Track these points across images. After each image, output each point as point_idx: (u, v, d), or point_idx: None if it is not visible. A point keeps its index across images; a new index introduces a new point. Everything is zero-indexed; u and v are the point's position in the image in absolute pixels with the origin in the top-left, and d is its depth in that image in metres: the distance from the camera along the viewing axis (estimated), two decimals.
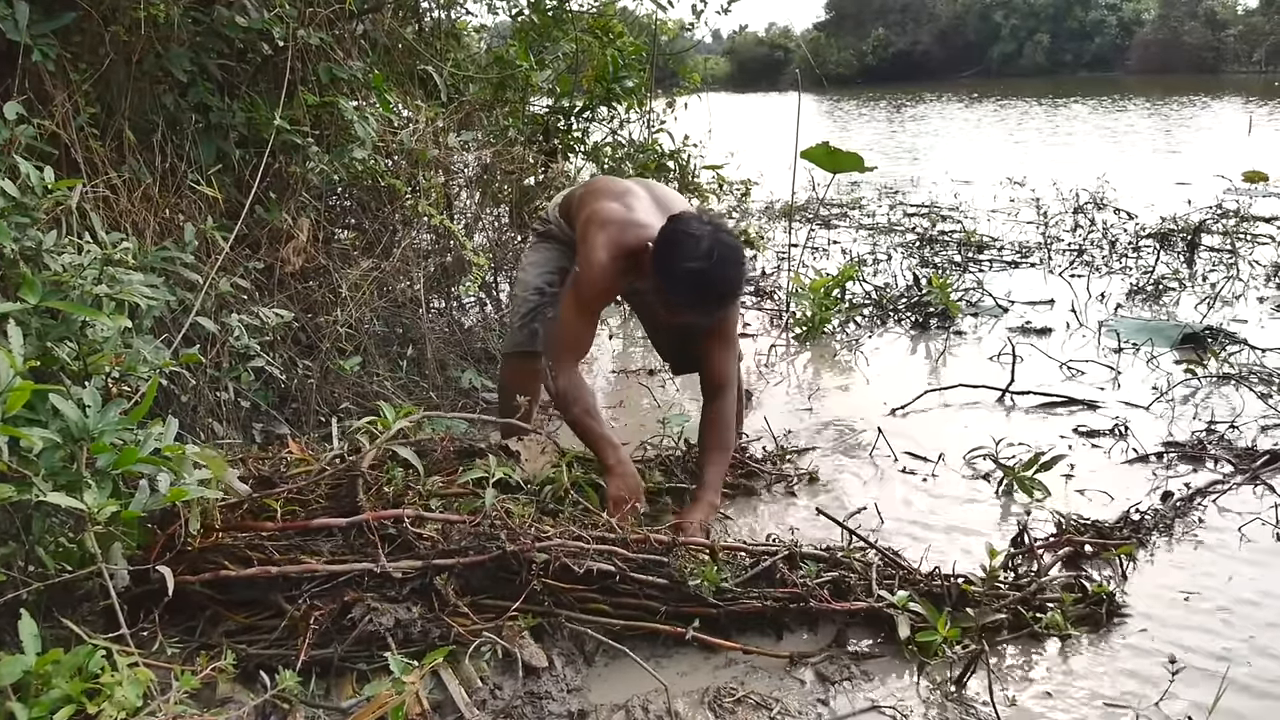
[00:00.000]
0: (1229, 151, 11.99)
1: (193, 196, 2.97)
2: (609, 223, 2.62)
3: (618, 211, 2.64)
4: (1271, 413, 3.50)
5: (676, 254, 2.40)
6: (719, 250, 2.38)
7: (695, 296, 2.43)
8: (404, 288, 3.65)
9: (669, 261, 2.41)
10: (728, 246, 2.42)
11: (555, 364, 2.65)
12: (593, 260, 2.58)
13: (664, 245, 2.44)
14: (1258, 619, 2.24)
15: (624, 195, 2.73)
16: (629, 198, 2.72)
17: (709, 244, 2.38)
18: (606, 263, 2.57)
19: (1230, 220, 7.04)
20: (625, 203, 2.69)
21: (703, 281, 2.39)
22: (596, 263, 2.57)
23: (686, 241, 2.39)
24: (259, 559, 2.02)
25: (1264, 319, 4.84)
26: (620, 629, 2.09)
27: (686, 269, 2.37)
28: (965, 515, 2.83)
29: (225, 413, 2.83)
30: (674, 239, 2.42)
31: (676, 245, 2.41)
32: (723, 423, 2.71)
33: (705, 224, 2.46)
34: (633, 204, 2.69)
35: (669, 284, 2.43)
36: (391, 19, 4.03)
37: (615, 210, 2.65)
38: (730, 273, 2.43)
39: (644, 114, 5.43)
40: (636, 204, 2.69)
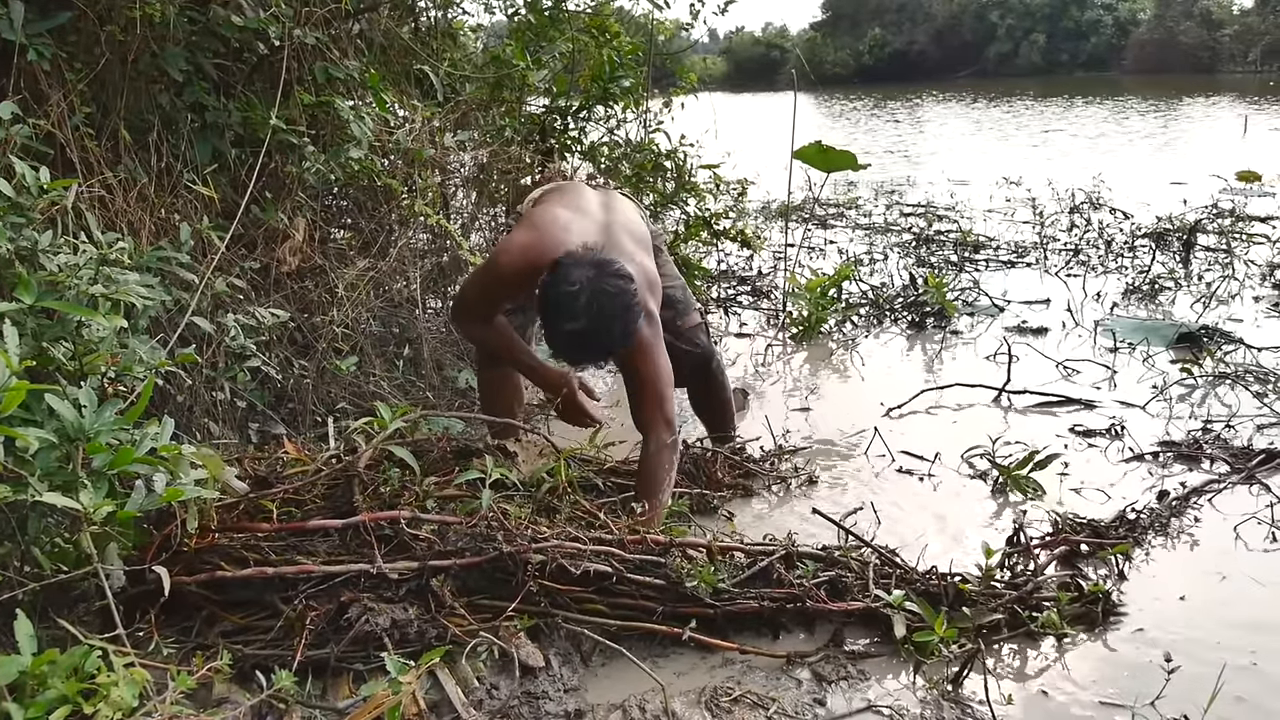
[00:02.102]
0: (1224, 151, 12.02)
1: (188, 196, 2.96)
2: (538, 228, 2.60)
3: (552, 221, 2.60)
4: (1267, 412, 3.51)
5: (554, 313, 2.34)
6: (597, 303, 2.30)
7: (576, 354, 2.45)
8: (400, 288, 3.64)
9: (548, 319, 2.38)
10: (606, 296, 2.32)
11: (455, 325, 2.70)
12: (503, 251, 2.60)
13: (543, 301, 2.38)
14: (1253, 618, 2.25)
15: (575, 208, 2.70)
16: (579, 214, 2.68)
17: (586, 299, 2.30)
18: (506, 267, 2.56)
19: (1226, 220, 7.05)
20: (571, 211, 2.66)
21: (580, 342, 2.36)
22: (504, 259, 2.57)
23: (564, 299, 2.31)
24: (255, 560, 2.02)
25: (1259, 318, 4.85)
26: (617, 629, 2.09)
27: (566, 331, 2.33)
28: (962, 514, 2.83)
29: (221, 413, 2.82)
30: (552, 296, 2.34)
31: (555, 304, 2.34)
32: (649, 469, 2.56)
33: (588, 269, 2.35)
34: (575, 221, 2.62)
35: (550, 339, 2.42)
36: (387, 18, 4.03)
37: (552, 218, 2.62)
38: (608, 327, 2.34)
39: (641, 114, 5.43)
40: (580, 223, 2.62)
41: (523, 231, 2.62)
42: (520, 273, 2.52)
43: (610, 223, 2.74)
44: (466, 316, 2.71)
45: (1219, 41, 46.40)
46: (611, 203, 2.88)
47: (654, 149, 5.24)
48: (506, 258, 2.58)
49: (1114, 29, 49.80)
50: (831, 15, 58.48)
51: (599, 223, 2.71)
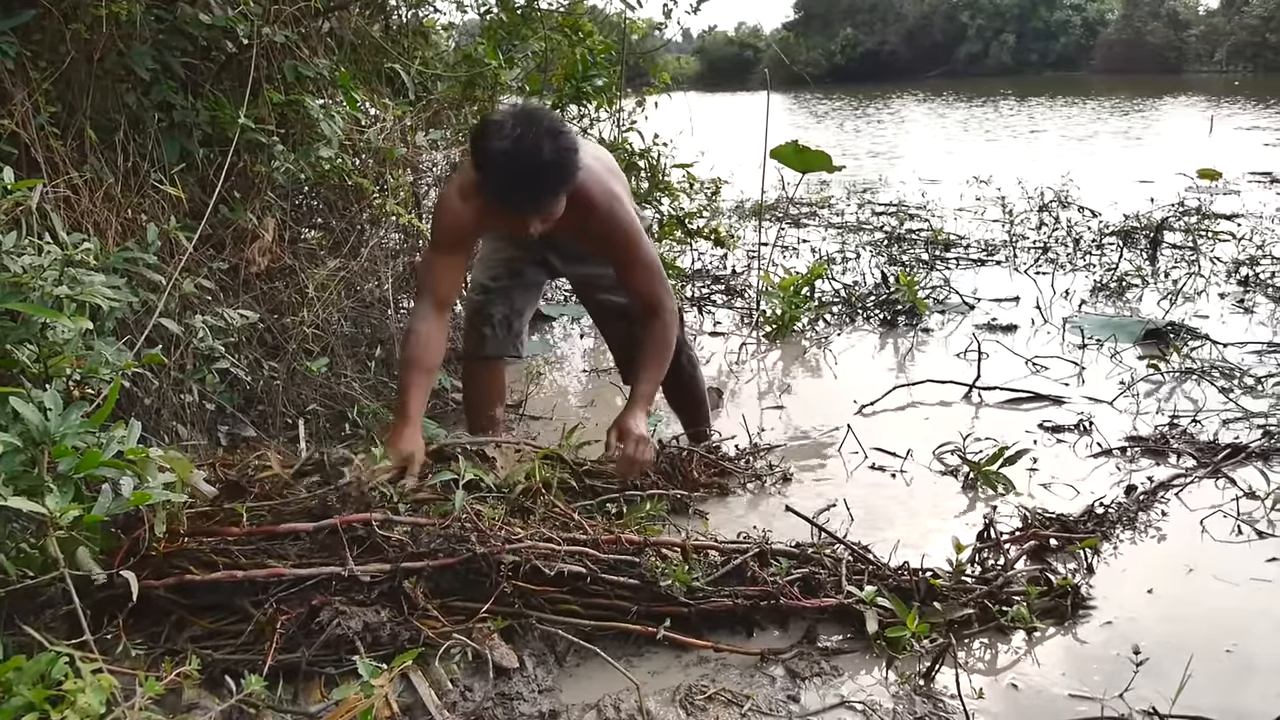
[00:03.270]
0: (1191, 150, 12.18)
1: (156, 196, 2.93)
2: (451, 182, 2.53)
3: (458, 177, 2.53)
4: (1233, 407, 3.56)
5: (483, 142, 2.20)
6: (526, 121, 2.19)
7: (512, 184, 2.22)
8: (372, 288, 3.62)
9: (479, 153, 2.22)
10: (535, 116, 2.23)
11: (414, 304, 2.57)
12: (441, 197, 2.51)
13: (472, 142, 2.24)
14: (1219, 609, 2.28)
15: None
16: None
17: (513, 121, 2.19)
18: (453, 194, 2.45)
19: (1192, 217, 7.15)
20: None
21: (513, 166, 2.18)
22: (445, 197, 2.48)
23: (490, 125, 2.20)
24: (225, 563, 2.00)
25: (1225, 314, 4.92)
26: (591, 629, 2.09)
27: (496, 152, 2.17)
28: (933, 510, 2.85)
29: (189, 415, 2.79)
30: (480, 128, 2.22)
31: (482, 132, 2.20)
32: (656, 340, 2.59)
33: (508, 111, 2.26)
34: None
35: (485, 179, 2.24)
36: (358, 16, 4.00)
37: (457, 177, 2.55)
38: (539, 144, 2.17)
39: (614, 113, 5.43)
40: None
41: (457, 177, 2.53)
42: (462, 196, 2.42)
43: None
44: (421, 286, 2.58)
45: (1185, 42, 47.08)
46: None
47: (628, 148, 5.24)
48: (447, 194, 2.47)
49: (1082, 29, 50.38)
50: (804, 15, 58.78)
51: None
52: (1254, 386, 3.77)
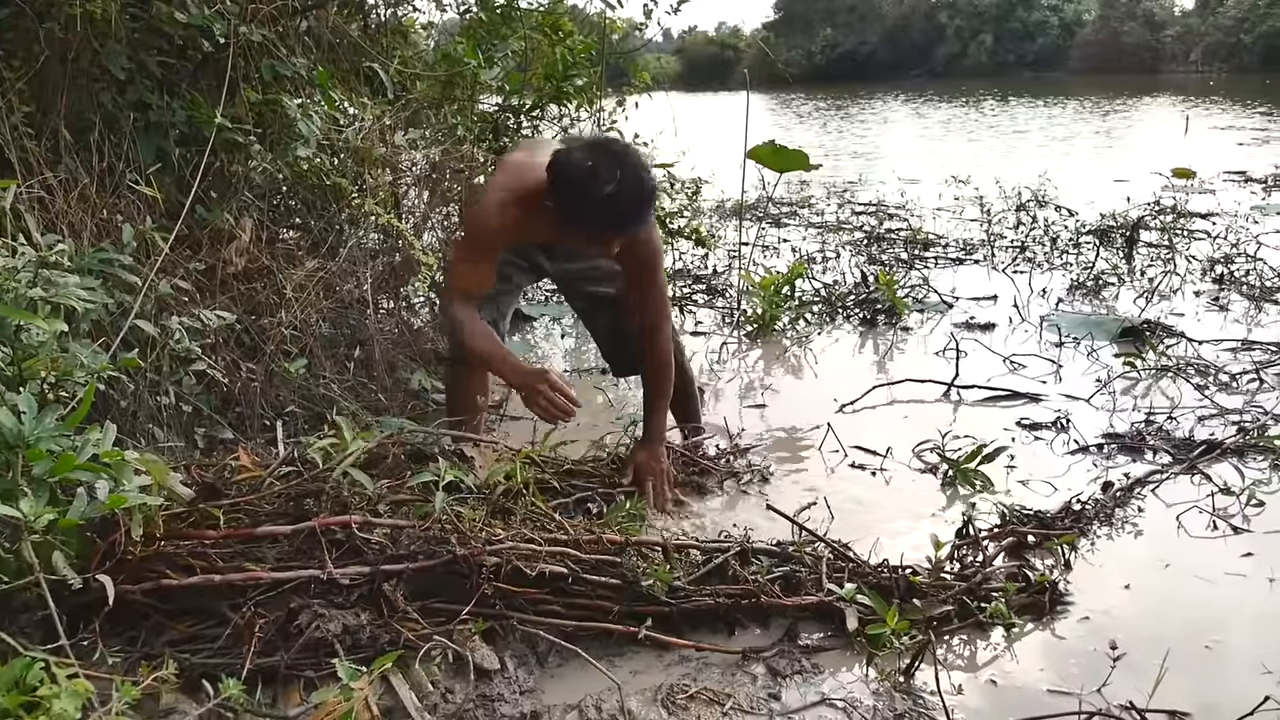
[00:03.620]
0: (1166, 150, 12.30)
1: (131, 197, 2.90)
2: (506, 165, 2.61)
3: (517, 156, 2.61)
4: (1208, 404, 3.60)
5: (583, 188, 2.33)
6: (618, 164, 2.34)
7: (618, 221, 2.40)
8: (351, 288, 3.60)
9: (577, 199, 2.35)
10: (621, 155, 2.38)
11: (442, 301, 2.65)
12: (484, 200, 2.56)
13: (564, 187, 2.37)
14: (1195, 604, 2.31)
15: (520, 159, 2.66)
16: (525, 157, 2.63)
17: (605, 164, 2.32)
18: (493, 202, 2.53)
19: (1167, 216, 7.22)
20: (516, 161, 2.63)
21: (619, 205, 2.34)
22: (485, 202, 2.56)
23: (586, 172, 2.32)
24: (202, 567, 1.99)
25: (1200, 312, 4.97)
26: (573, 630, 2.09)
27: (603, 197, 2.31)
28: (913, 508, 2.87)
29: (166, 418, 2.77)
30: (574, 176, 2.34)
31: (580, 181, 2.33)
32: (661, 365, 2.79)
33: (586, 148, 2.40)
34: (527, 160, 2.58)
35: (586, 218, 2.39)
36: (336, 15, 3.98)
37: (515, 155, 2.62)
38: (639, 181, 2.36)
39: (594, 113, 5.42)
40: (532, 159, 2.57)
41: (493, 179, 2.60)
42: (507, 205, 2.51)
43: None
44: (456, 288, 2.65)
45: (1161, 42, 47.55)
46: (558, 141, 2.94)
47: None
48: (490, 197, 2.55)
49: (1059, 30, 50.78)
50: (784, 15, 58.94)
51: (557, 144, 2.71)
52: (1229, 383, 3.82)
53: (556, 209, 2.42)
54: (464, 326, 2.64)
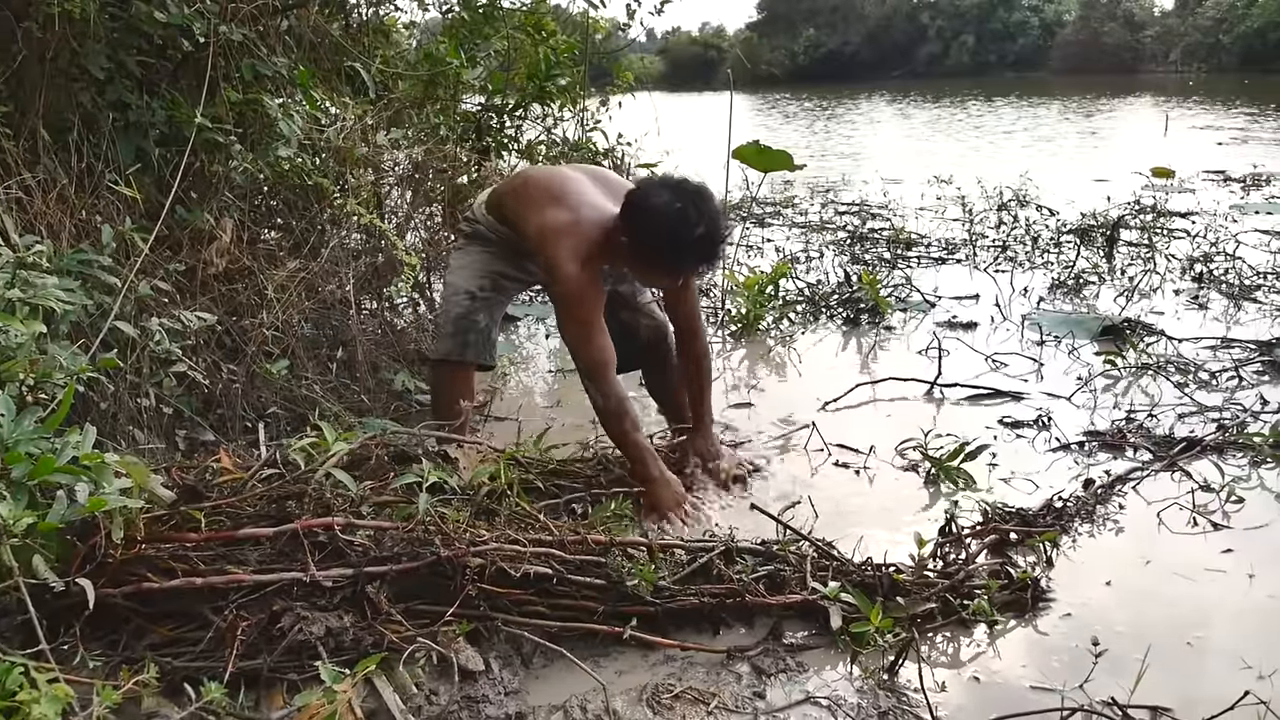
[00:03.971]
0: (1146, 149, 12.39)
1: (110, 197, 2.88)
2: (563, 233, 2.59)
3: (566, 218, 2.62)
4: (1188, 401, 3.63)
5: (676, 232, 2.44)
6: (702, 205, 2.48)
7: (709, 258, 2.59)
8: (333, 289, 3.58)
9: (671, 241, 2.47)
10: (701, 195, 2.51)
11: (592, 383, 2.67)
12: (567, 276, 2.58)
13: (654, 232, 2.47)
14: (1176, 600, 2.33)
15: (563, 194, 2.70)
16: (569, 195, 2.69)
17: (693, 207, 2.45)
18: (579, 273, 2.57)
19: (1147, 216, 7.27)
20: (568, 204, 2.66)
21: (709, 244, 2.50)
22: (571, 277, 2.58)
23: (678, 216, 2.44)
24: (183, 570, 1.97)
25: (1180, 311, 5.01)
26: (558, 630, 2.09)
27: (696, 239, 2.45)
28: (896, 506, 2.88)
29: (146, 420, 2.75)
30: (666, 223, 2.45)
31: (673, 226, 2.44)
32: (703, 356, 2.98)
33: (665, 189, 2.52)
34: (576, 200, 2.66)
35: (678, 261, 2.54)
36: (317, 15, 3.96)
37: (564, 218, 2.62)
38: (719, 219, 2.53)
39: (578, 112, 5.42)
40: (579, 197, 2.67)
41: (557, 250, 2.58)
42: (588, 268, 2.58)
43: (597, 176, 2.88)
44: (600, 363, 2.67)
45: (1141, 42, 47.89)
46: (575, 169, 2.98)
47: (591, 148, 5.24)
48: (567, 263, 2.56)
49: (1040, 30, 51.06)
50: (767, 15, 58.99)
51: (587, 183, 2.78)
52: (1209, 381, 3.85)
53: (640, 252, 2.54)
54: (630, 421, 2.69)
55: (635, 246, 2.52)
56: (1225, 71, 41.33)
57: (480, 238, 2.97)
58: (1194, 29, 45.58)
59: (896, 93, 33.14)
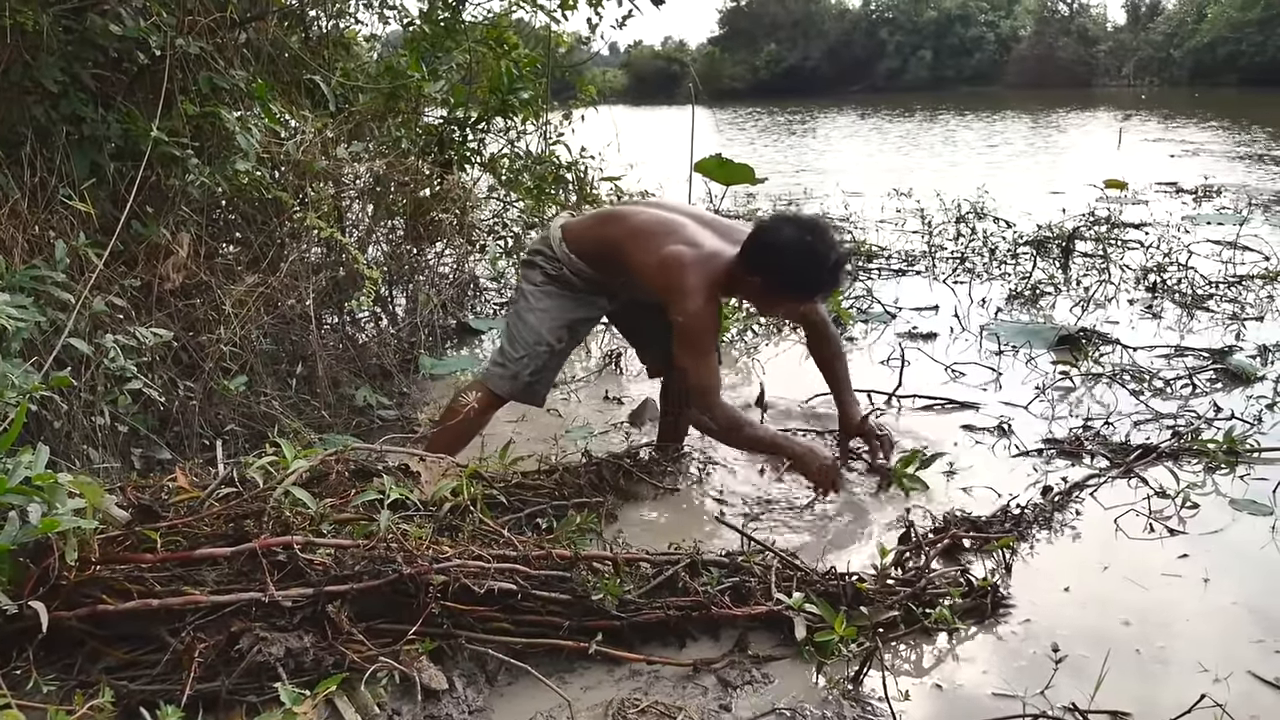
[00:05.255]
0: (1100, 162, 12.63)
1: (64, 212, 2.83)
2: (690, 267, 2.70)
3: (693, 254, 2.72)
4: (1143, 408, 3.70)
5: (816, 260, 2.64)
6: (828, 233, 2.70)
7: (839, 280, 2.83)
8: (293, 303, 3.55)
9: (810, 269, 2.65)
10: (823, 228, 2.72)
11: (704, 408, 2.82)
12: (695, 310, 2.70)
13: (792, 268, 2.65)
14: (1134, 605, 2.36)
15: (682, 230, 2.80)
16: (688, 231, 2.80)
17: (823, 236, 2.66)
18: (704, 306, 2.70)
19: (1102, 227, 7.41)
20: (688, 240, 2.76)
21: (839, 267, 2.71)
22: (698, 311, 2.70)
23: (815, 247, 2.63)
24: (139, 591, 1.93)
25: (1134, 320, 5.10)
26: (523, 647, 2.07)
27: (832, 265, 2.66)
28: (857, 515, 2.90)
29: (101, 439, 2.69)
30: (804, 254, 2.63)
31: (811, 256, 2.63)
32: (840, 346, 3.26)
33: (788, 221, 2.74)
34: (695, 237, 2.78)
35: (814, 290, 2.77)
36: (276, 27, 3.93)
37: (690, 253, 2.72)
38: (841, 244, 2.80)
39: (541, 126, 5.42)
40: (697, 234, 2.80)
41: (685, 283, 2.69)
42: (712, 303, 2.73)
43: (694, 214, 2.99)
44: (714, 388, 2.82)
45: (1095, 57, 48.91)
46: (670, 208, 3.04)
47: (555, 161, 5.24)
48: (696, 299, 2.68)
49: (996, 45, 51.96)
50: (729, 30, 59.46)
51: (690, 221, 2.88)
52: (1163, 389, 3.92)
53: (776, 286, 2.71)
54: (747, 424, 2.90)
55: (772, 283, 2.70)
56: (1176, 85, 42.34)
57: (564, 281, 2.94)
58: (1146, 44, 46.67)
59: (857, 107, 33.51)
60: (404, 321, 4.50)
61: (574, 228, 2.99)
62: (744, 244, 2.72)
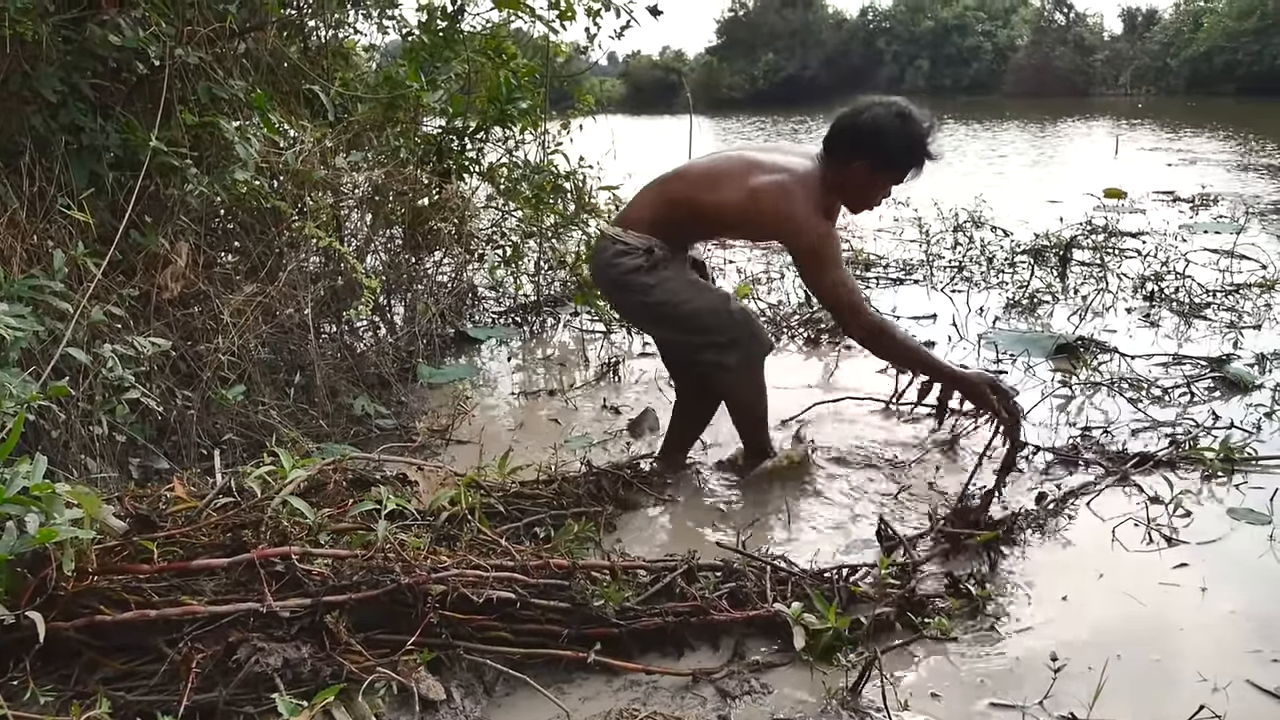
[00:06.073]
0: (1097, 170, 12.66)
1: (63, 221, 2.84)
2: (788, 191, 2.73)
3: (781, 178, 2.76)
4: (1141, 417, 3.70)
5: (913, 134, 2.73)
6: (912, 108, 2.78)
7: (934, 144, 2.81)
8: (291, 312, 3.55)
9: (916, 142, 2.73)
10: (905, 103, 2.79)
11: (854, 319, 2.81)
12: (813, 228, 2.74)
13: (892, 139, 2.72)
14: (1131, 614, 2.36)
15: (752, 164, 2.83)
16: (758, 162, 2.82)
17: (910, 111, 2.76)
18: (821, 220, 2.75)
19: (1099, 236, 7.42)
20: (765, 167, 2.79)
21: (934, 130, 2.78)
22: (818, 228, 2.74)
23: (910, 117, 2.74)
24: (137, 602, 1.93)
25: (1132, 328, 5.11)
26: (521, 657, 2.07)
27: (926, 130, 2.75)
28: (852, 519, 2.90)
29: (99, 448, 2.69)
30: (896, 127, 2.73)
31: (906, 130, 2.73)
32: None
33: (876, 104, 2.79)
34: (770, 164, 2.80)
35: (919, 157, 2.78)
36: (275, 37, 3.94)
37: (779, 178, 2.76)
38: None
39: (539, 135, 5.43)
40: (770, 161, 2.81)
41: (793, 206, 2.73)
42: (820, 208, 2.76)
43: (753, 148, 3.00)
44: (858, 296, 2.83)
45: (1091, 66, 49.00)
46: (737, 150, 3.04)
47: (553, 170, 5.24)
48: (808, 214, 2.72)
49: (993, 55, 52.06)
50: (727, 40, 59.56)
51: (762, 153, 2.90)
52: (1161, 397, 3.92)
53: (881, 161, 2.75)
54: (895, 331, 2.91)
55: (879, 161, 2.74)
56: (1173, 94, 42.42)
57: (662, 261, 2.94)
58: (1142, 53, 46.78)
59: None
60: (402, 330, 4.51)
61: (630, 215, 3.02)
62: (833, 138, 2.78)
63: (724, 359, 2.98)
